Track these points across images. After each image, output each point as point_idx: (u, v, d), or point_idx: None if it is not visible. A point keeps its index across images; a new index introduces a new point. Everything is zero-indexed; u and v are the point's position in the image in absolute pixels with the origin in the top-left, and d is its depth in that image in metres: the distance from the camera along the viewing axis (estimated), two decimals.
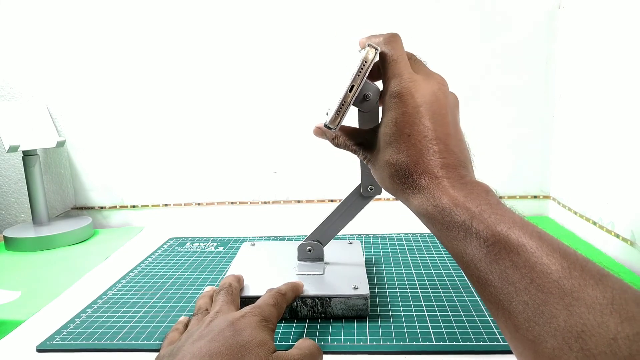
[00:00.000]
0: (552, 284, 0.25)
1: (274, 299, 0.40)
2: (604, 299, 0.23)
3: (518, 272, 0.27)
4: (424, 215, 0.34)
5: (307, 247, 0.54)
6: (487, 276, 0.28)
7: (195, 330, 0.35)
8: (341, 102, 0.39)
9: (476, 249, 0.29)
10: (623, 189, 0.59)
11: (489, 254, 0.28)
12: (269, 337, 0.35)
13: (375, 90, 0.41)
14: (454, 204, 0.32)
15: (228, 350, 0.31)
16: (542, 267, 0.26)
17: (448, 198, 0.32)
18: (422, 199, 0.34)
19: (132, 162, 0.85)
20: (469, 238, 0.30)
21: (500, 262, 0.28)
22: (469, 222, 0.30)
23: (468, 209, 0.31)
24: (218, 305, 0.40)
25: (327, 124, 0.39)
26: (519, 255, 0.27)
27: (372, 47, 0.39)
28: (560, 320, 0.24)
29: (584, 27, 0.68)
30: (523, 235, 0.28)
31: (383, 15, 0.76)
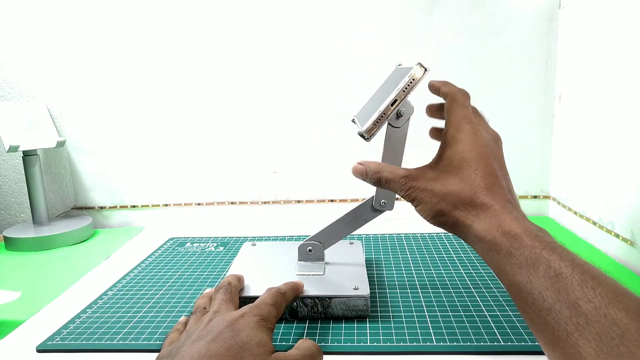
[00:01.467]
0: (630, 321, 0.25)
1: (273, 299, 0.40)
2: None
3: (591, 305, 0.26)
4: (488, 240, 0.33)
5: (307, 247, 0.54)
6: (554, 305, 0.28)
7: (194, 330, 0.35)
8: (381, 113, 0.39)
9: (544, 277, 0.29)
10: (623, 189, 0.59)
11: (559, 283, 0.28)
12: (268, 337, 0.34)
13: (409, 109, 0.42)
14: (524, 233, 0.32)
15: (227, 351, 0.31)
16: (618, 304, 0.26)
17: (519, 226, 0.33)
18: (488, 224, 0.34)
19: (132, 162, 0.85)
20: (538, 266, 0.30)
21: (572, 293, 0.27)
22: (539, 251, 0.30)
23: (539, 239, 0.31)
24: (216, 304, 0.39)
25: (362, 132, 0.40)
26: (593, 290, 0.27)
27: (422, 65, 0.39)
28: (638, 356, 0.23)
29: (584, 27, 0.68)
30: (597, 274, 0.28)
31: (383, 16, 0.76)
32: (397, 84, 0.39)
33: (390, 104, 0.39)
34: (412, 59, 0.80)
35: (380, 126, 0.40)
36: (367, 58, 0.78)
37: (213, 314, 0.37)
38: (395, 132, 0.44)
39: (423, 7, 0.76)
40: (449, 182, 0.37)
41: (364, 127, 0.40)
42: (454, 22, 0.76)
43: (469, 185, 0.36)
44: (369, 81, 0.78)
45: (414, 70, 0.39)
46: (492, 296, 0.50)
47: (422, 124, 0.47)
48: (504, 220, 0.33)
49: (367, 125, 0.39)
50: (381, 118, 0.39)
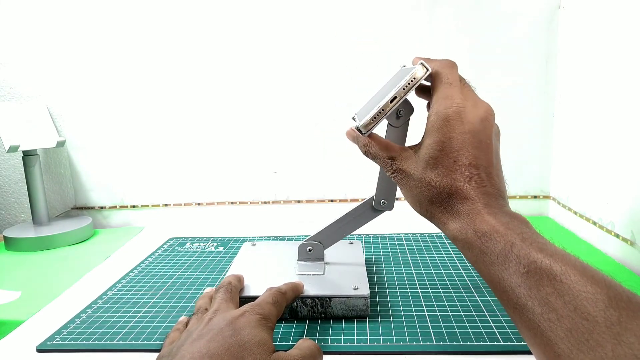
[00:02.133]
0: (598, 312, 0.24)
1: (274, 298, 0.40)
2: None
3: (561, 300, 0.26)
4: (461, 239, 0.34)
5: (307, 247, 0.54)
6: (526, 302, 0.28)
7: (195, 330, 0.35)
8: (379, 109, 0.39)
9: (515, 274, 0.29)
10: (623, 189, 0.59)
11: (529, 280, 0.28)
12: (268, 336, 0.34)
13: (409, 110, 0.42)
14: (494, 230, 0.32)
15: (227, 351, 0.31)
16: (587, 296, 0.25)
17: (488, 224, 0.33)
18: (461, 224, 0.34)
19: (132, 162, 0.85)
20: (508, 263, 0.30)
21: (542, 289, 0.27)
22: (509, 247, 0.30)
23: (508, 235, 0.31)
24: (217, 303, 0.39)
25: (359, 126, 0.40)
26: (562, 283, 0.27)
27: (424, 65, 0.39)
28: (608, 349, 0.23)
29: (584, 27, 0.68)
30: (566, 264, 0.27)
31: (383, 16, 0.76)
32: (398, 82, 0.39)
33: (389, 100, 0.39)
34: (412, 59, 0.79)
35: (378, 122, 0.39)
36: (367, 58, 0.78)
37: (213, 312, 0.37)
38: (395, 132, 0.44)
39: (423, 7, 0.76)
40: (427, 174, 0.37)
41: (361, 121, 0.40)
42: (454, 22, 0.76)
43: (446, 178, 0.36)
44: (369, 81, 0.78)
45: (416, 69, 0.39)
46: (491, 296, 0.50)
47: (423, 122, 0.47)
48: (477, 218, 0.33)
49: (365, 120, 0.39)
50: (379, 114, 0.39)
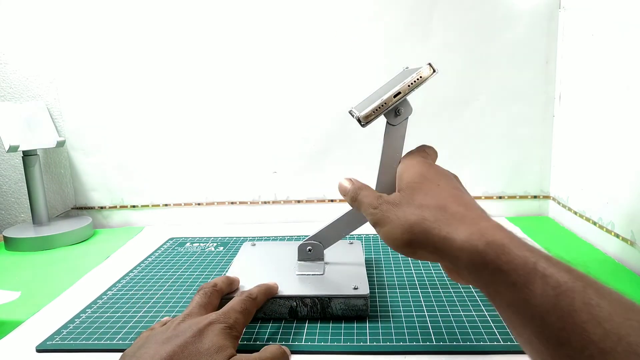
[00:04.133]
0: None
1: (243, 305, 0.40)
2: None
3: (601, 329, 0.22)
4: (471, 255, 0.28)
5: (307, 247, 0.54)
6: (559, 333, 0.23)
7: (161, 332, 0.36)
8: (382, 102, 0.39)
9: (542, 297, 0.24)
10: (623, 189, 0.59)
11: (559, 304, 0.23)
12: (230, 343, 0.35)
13: (408, 110, 0.42)
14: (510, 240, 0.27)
15: (187, 356, 0.32)
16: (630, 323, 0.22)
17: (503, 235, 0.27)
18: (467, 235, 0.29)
19: (132, 162, 0.85)
20: (533, 284, 0.25)
21: (576, 316, 0.23)
22: (532, 264, 0.25)
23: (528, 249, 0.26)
24: (190, 307, 0.40)
25: (360, 116, 0.40)
26: (600, 308, 0.22)
27: (431, 66, 0.40)
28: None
29: (584, 27, 0.68)
30: (599, 287, 0.24)
31: (383, 16, 0.76)
32: (402, 80, 0.40)
33: (393, 95, 0.39)
34: (412, 59, 0.80)
35: (378, 115, 0.39)
36: (367, 58, 0.78)
37: (184, 317, 0.38)
38: (393, 130, 0.44)
39: (423, 7, 0.76)
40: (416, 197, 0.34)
41: (362, 112, 0.39)
42: (454, 22, 0.76)
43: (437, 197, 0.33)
44: (369, 81, 0.78)
45: (423, 68, 0.39)
46: None
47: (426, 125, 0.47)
48: (485, 229, 0.28)
49: (366, 111, 0.39)
50: (381, 107, 0.39)
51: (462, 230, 0.30)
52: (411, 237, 0.32)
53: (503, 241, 0.27)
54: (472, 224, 0.30)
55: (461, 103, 0.79)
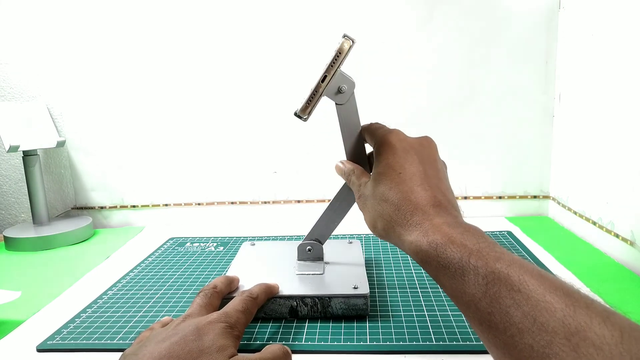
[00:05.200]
0: (557, 322, 0.24)
1: (244, 305, 0.40)
2: (612, 338, 0.22)
3: (520, 311, 0.25)
4: (417, 253, 0.33)
5: (306, 246, 0.54)
6: (489, 317, 0.27)
7: (162, 332, 0.36)
8: (312, 91, 0.39)
9: (474, 287, 0.28)
10: (623, 189, 0.59)
11: (489, 292, 0.27)
12: (232, 343, 0.35)
13: (350, 84, 0.42)
14: (449, 240, 0.31)
15: (187, 354, 0.32)
16: (545, 305, 0.25)
17: (442, 234, 0.32)
18: (414, 236, 0.33)
19: (132, 162, 0.85)
20: (467, 276, 0.29)
21: (502, 301, 0.26)
22: (467, 258, 0.29)
23: (464, 245, 0.30)
24: (191, 308, 0.40)
25: (298, 112, 0.40)
26: (520, 293, 0.26)
27: (348, 38, 0.39)
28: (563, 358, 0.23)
29: (584, 27, 0.68)
30: (524, 273, 0.27)
31: (383, 16, 0.76)
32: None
33: (320, 80, 0.39)
34: (412, 59, 0.80)
35: (315, 104, 0.39)
36: (367, 58, 0.78)
37: (185, 317, 0.38)
38: (344, 109, 0.43)
39: (423, 7, 0.76)
40: (377, 190, 0.38)
41: (298, 107, 0.39)
42: (454, 22, 0.76)
43: (394, 190, 0.36)
44: (369, 81, 0.78)
45: (340, 43, 0.38)
46: None
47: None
48: (430, 228, 0.33)
49: (301, 105, 0.39)
50: (313, 96, 0.39)
51: (411, 232, 0.34)
52: (376, 230, 0.38)
53: (441, 240, 0.31)
54: (419, 223, 0.34)
55: (461, 103, 0.79)
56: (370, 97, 0.79)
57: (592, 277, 0.54)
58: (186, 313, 0.39)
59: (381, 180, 0.38)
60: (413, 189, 0.36)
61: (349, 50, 0.38)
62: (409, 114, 0.79)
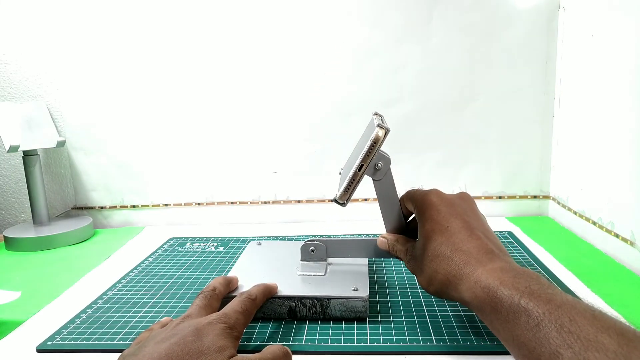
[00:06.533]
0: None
1: (243, 306, 0.40)
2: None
3: (570, 351, 0.25)
4: (472, 299, 0.34)
5: (310, 247, 0.54)
6: (538, 357, 0.27)
7: (161, 332, 0.36)
8: (350, 179, 0.41)
9: (525, 328, 0.28)
10: (623, 189, 0.59)
11: (539, 334, 0.27)
12: (230, 343, 0.35)
13: (386, 161, 0.44)
14: (502, 284, 0.32)
15: (187, 355, 0.32)
16: (596, 345, 0.25)
17: (494, 278, 0.32)
18: (469, 284, 0.34)
19: (132, 162, 0.85)
20: (518, 318, 0.29)
21: (552, 341, 0.27)
22: (517, 300, 0.30)
23: (516, 288, 0.31)
24: (191, 309, 0.40)
25: (337, 198, 0.42)
26: (571, 334, 0.26)
27: (382, 127, 0.41)
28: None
29: (584, 27, 0.68)
30: (576, 314, 0.27)
31: (383, 16, 0.76)
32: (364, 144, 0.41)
33: (357, 169, 0.41)
34: (412, 59, 0.79)
35: (354, 190, 0.42)
36: (367, 58, 0.78)
37: (184, 318, 0.38)
38: (382, 184, 0.45)
39: (423, 7, 0.76)
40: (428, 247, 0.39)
41: (338, 194, 0.42)
42: (454, 22, 0.76)
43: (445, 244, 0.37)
44: (369, 81, 0.78)
45: (375, 133, 0.40)
46: None
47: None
48: (482, 274, 0.34)
49: (340, 192, 0.42)
50: (352, 183, 0.41)
51: (465, 281, 0.35)
52: (432, 287, 0.39)
53: (494, 284, 0.32)
54: (472, 272, 0.35)
55: (461, 103, 0.79)
56: (370, 97, 0.79)
57: (592, 277, 0.54)
58: (185, 314, 0.39)
59: (431, 238, 0.39)
60: (463, 240, 0.37)
61: (383, 139, 0.41)
62: (409, 114, 0.79)
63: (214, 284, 0.45)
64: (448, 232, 0.38)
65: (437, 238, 0.38)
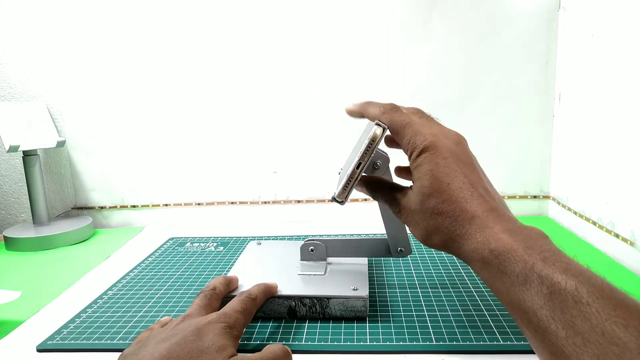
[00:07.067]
0: (629, 337, 0.24)
1: (243, 305, 0.40)
2: None
3: (588, 323, 0.25)
4: (478, 260, 0.33)
5: (309, 247, 0.54)
6: (549, 325, 0.27)
7: (162, 332, 0.36)
8: (349, 177, 0.41)
9: (537, 296, 0.28)
10: (623, 189, 0.59)
11: (553, 301, 0.27)
12: (231, 343, 0.35)
13: (384, 159, 0.43)
14: (512, 249, 0.31)
15: (187, 355, 0.32)
16: (616, 319, 0.24)
17: (505, 243, 0.31)
18: (475, 244, 0.33)
19: (132, 162, 0.85)
20: (530, 284, 0.28)
21: (567, 311, 0.26)
22: (530, 268, 0.29)
23: (529, 255, 0.30)
24: (191, 308, 0.40)
25: (336, 197, 0.42)
26: (589, 306, 0.25)
27: (380, 125, 0.40)
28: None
29: (584, 27, 0.68)
30: (593, 285, 0.26)
31: (383, 16, 0.76)
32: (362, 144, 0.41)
33: (355, 167, 0.41)
34: (412, 59, 0.79)
35: (352, 188, 0.41)
36: (367, 58, 0.78)
37: (184, 317, 0.38)
38: None
39: (423, 6, 0.76)
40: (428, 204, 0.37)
41: (336, 192, 0.42)
42: (454, 22, 0.76)
43: (447, 202, 0.35)
44: (369, 82, 0.78)
45: (373, 130, 0.40)
46: (491, 296, 0.50)
47: None
48: (491, 236, 0.32)
49: (338, 191, 0.41)
50: (350, 181, 0.41)
51: (471, 241, 0.34)
52: (430, 242, 0.38)
53: (505, 247, 0.31)
54: (478, 232, 0.33)
55: (461, 103, 0.79)
56: (370, 97, 0.79)
57: None
58: (185, 313, 0.39)
59: (430, 194, 0.36)
60: (467, 199, 0.35)
61: (381, 137, 0.40)
62: None
63: (214, 283, 0.45)
64: (449, 189, 0.36)
65: (438, 195, 0.36)
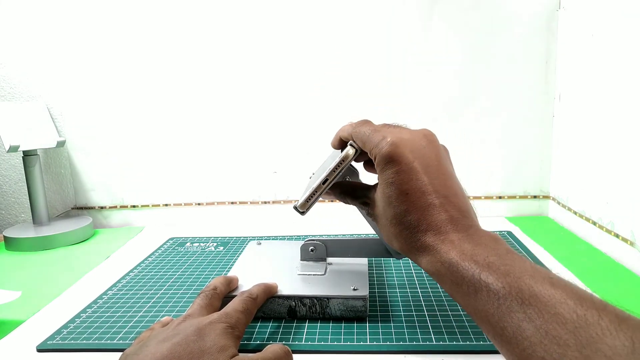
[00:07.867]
0: (568, 335, 0.24)
1: (244, 305, 0.40)
2: (624, 348, 0.22)
3: (532, 325, 0.26)
4: (433, 273, 0.33)
5: (309, 247, 0.54)
6: (502, 332, 0.27)
7: (162, 332, 0.36)
8: (313, 191, 0.41)
9: (487, 303, 0.29)
10: (623, 189, 0.59)
11: (500, 308, 0.28)
12: (232, 343, 0.35)
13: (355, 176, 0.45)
14: (461, 259, 0.31)
15: (189, 355, 0.32)
16: (556, 318, 0.25)
17: (455, 253, 0.32)
18: (429, 257, 0.34)
19: (132, 162, 0.85)
20: (479, 293, 0.29)
21: (513, 315, 0.27)
22: (477, 275, 0.30)
23: (476, 262, 0.30)
24: (192, 308, 0.40)
25: (297, 206, 0.42)
26: (531, 307, 0.26)
27: (353, 146, 0.41)
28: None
29: (584, 27, 0.68)
30: (534, 284, 0.27)
31: (383, 16, 0.76)
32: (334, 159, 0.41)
33: (321, 182, 0.41)
34: (412, 59, 0.79)
35: (314, 201, 0.42)
36: (367, 58, 0.78)
37: (185, 317, 0.38)
38: None
39: (423, 6, 0.76)
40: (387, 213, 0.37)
41: (299, 202, 0.42)
42: (454, 21, 0.76)
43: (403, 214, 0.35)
44: (369, 82, 0.78)
45: (345, 151, 0.41)
46: None
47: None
48: (442, 248, 0.33)
49: (301, 201, 0.42)
50: (313, 195, 0.42)
51: (425, 254, 0.34)
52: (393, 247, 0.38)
53: (454, 259, 0.32)
54: (432, 243, 0.34)
55: (461, 103, 0.79)
56: (370, 97, 0.79)
57: (592, 277, 0.54)
58: (186, 313, 0.39)
59: (389, 203, 0.36)
60: (423, 210, 0.35)
61: (352, 158, 0.41)
62: (409, 114, 0.79)
63: (215, 283, 0.45)
64: (408, 200, 0.35)
65: (397, 205, 0.36)
